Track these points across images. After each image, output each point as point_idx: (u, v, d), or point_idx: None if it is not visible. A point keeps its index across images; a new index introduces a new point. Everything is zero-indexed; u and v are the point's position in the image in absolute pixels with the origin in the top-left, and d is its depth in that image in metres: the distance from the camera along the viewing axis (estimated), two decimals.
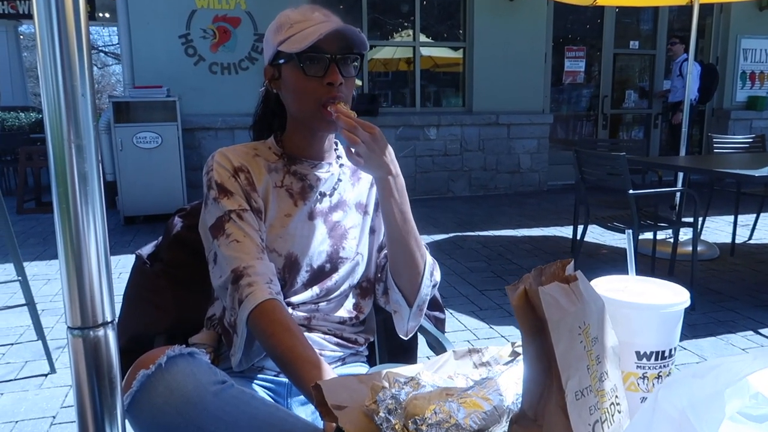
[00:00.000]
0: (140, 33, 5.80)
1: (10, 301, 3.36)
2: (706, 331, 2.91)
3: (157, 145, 5.34)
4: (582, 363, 0.52)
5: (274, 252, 1.10)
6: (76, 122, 0.51)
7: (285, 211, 1.12)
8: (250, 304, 0.98)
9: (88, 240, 0.53)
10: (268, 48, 1.11)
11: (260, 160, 1.14)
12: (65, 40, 0.50)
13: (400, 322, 1.17)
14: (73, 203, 0.52)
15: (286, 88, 1.10)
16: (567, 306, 0.52)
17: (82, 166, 0.52)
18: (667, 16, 7.69)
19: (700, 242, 4.25)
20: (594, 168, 3.47)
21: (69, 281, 0.53)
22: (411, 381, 0.72)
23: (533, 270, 0.55)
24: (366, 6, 6.60)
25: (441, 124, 6.71)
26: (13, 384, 2.43)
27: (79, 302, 0.54)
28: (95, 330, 0.54)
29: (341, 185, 1.19)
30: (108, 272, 0.55)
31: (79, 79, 0.51)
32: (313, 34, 1.01)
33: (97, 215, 0.53)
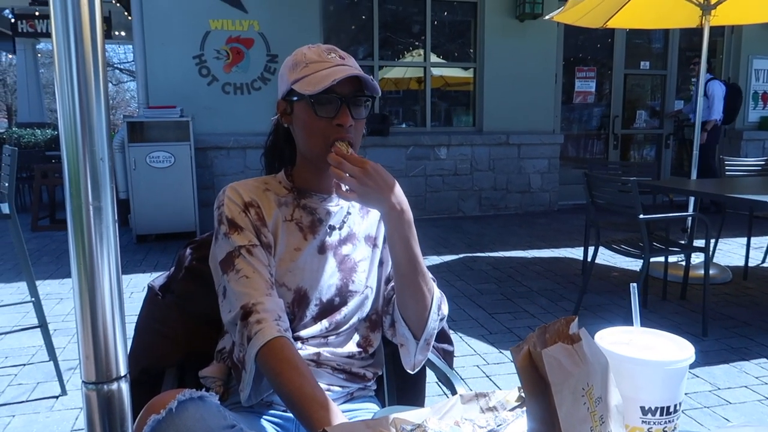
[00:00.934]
0: (155, 53, 5.90)
1: (23, 321, 3.40)
2: (718, 359, 2.87)
3: (169, 165, 5.40)
4: (585, 425, 0.53)
5: (283, 286, 1.11)
6: (96, 185, 0.53)
7: (294, 245, 1.14)
8: (259, 341, 0.99)
9: (104, 297, 0.55)
10: (282, 83, 1.14)
11: (270, 194, 1.16)
12: (86, 106, 0.52)
13: (406, 355, 1.16)
14: (90, 263, 0.54)
15: (297, 125, 1.13)
16: (570, 368, 0.52)
17: (99, 227, 0.54)
18: (678, 36, 7.70)
19: (713, 265, 4.21)
20: (604, 192, 3.47)
21: (84, 337, 0.55)
22: (417, 428, 0.73)
23: (537, 329, 0.56)
24: (377, 25, 6.68)
25: (451, 144, 6.74)
26: (25, 406, 2.45)
27: (94, 358, 0.55)
28: (109, 384, 0.56)
29: (350, 218, 1.21)
30: (123, 328, 0.57)
31: (99, 144, 0.53)
32: (327, 78, 1.04)
33: (114, 275, 0.55)
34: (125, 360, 0.57)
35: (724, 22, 4.66)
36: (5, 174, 2.55)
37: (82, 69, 0.52)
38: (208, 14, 5.97)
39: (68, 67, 0.51)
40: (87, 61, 0.52)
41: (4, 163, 2.60)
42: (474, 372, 2.75)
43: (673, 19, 4.98)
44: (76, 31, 0.51)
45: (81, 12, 0.51)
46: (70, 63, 0.51)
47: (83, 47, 0.51)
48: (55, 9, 0.50)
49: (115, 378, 0.56)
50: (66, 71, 0.51)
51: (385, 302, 1.22)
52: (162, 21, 5.86)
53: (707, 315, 3.17)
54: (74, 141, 0.52)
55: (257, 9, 6.05)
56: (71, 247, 0.54)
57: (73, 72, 0.51)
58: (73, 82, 0.51)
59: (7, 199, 2.48)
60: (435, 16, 6.92)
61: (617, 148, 7.74)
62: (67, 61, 0.51)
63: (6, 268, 4.63)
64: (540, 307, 3.64)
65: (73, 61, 0.51)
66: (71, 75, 0.51)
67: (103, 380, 0.55)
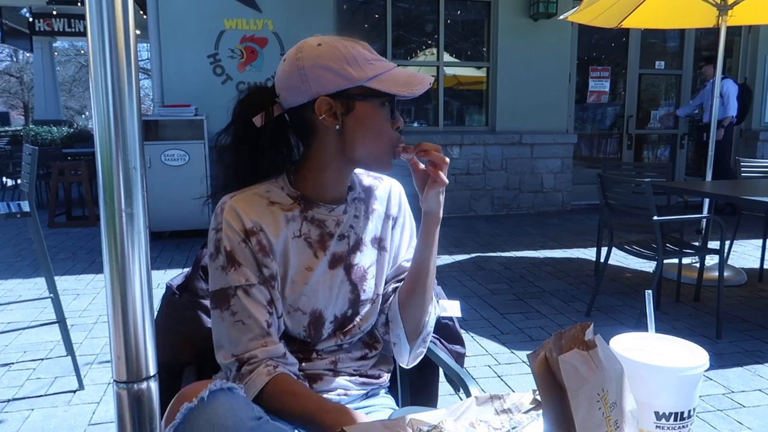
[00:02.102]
0: (170, 52, 5.95)
1: (41, 316, 3.46)
2: (732, 362, 2.86)
3: (184, 163, 5.45)
4: (600, 429, 0.54)
5: (298, 311, 1.07)
6: (128, 192, 0.55)
7: (306, 264, 1.08)
8: (252, 390, 0.98)
9: (135, 300, 0.57)
10: (330, 79, 0.99)
11: (276, 210, 1.06)
12: (120, 119, 0.54)
13: (399, 354, 1.17)
14: (122, 267, 0.56)
15: (357, 126, 1.02)
16: (586, 374, 0.54)
17: (131, 233, 0.56)
18: (693, 35, 7.63)
19: (728, 267, 4.19)
20: (618, 193, 3.46)
21: (116, 338, 0.57)
22: (434, 429, 0.74)
23: (553, 335, 0.57)
24: (390, 24, 6.69)
25: (464, 143, 6.74)
26: (43, 400, 2.50)
27: (126, 358, 0.57)
28: (139, 383, 0.58)
29: (357, 223, 1.15)
30: (152, 330, 0.59)
31: (131, 152, 0.55)
32: (412, 80, 1.00)
33: (145, 278, 0.57)
34: (155, 360, 0.60)
35: (741, 22, 4.62)
36: (26, 172, 2.60)
37: (116, 84, 0.54)
38: (222, 14, 6.01)
39: (104, 82, 0.53)
40: (121, 75, 0.54)
41: (25, 162, 2.64)
42: (485, 372, 2.76)
43: (689, 19, 4.95)
44: (111, 45, 0.53)
45: (116, 28, 0.53)
46: (105, 79, 0.53)
47: (118, 64, 0.53)
48: (91, 24, 0.52)
49: (145, 377, 0.58)
50: (102, 86, 0.54)
51: (383, 300, 1.19)
52: (177, 20, 5.91)
53: (721, 317, 3.16)
54: (108, 150, 0.54)
55: (271, 8, 6.08)
56: (104, 252, 0.56)
57: (108, 85, 0.54)
58: (108, 96, 0.53)
59: (27, 197, 2.52)
60: (448, 15, 6.91)
61: (631, 149, 7.69)
62: (103, 77, 0.54)
63: (24, 264, 4.71)
64: (552, 308, 3.64)
65: (108, 75, 0.54)
66: (106, 89, 0.53)
67: (133, 380, 0.58)
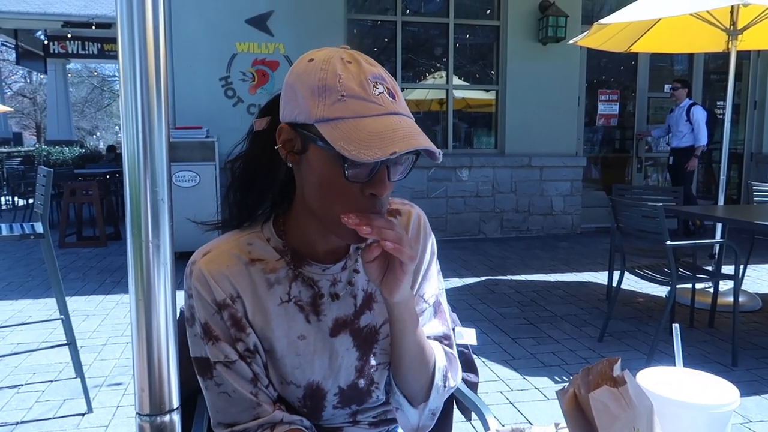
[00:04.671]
0: (183, 75, 6.04)
1: (51, 337, 3.46)
2: (750, 390, 2.81)
3: (195, 184, 5.49)
4: None
5: (291, 384, 0.93)
6: (156, 224, 0.55)
7: (297, 333, 0.92)
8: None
9: (160, 331, 0.57)
10: (295, 105, 0.79)
11: (256, 272, 0.90)
12: (150, 156, 0.54)
13: (404, 420, 0.98)
14: (147, 299, 0.56)
15: (308, 174, 0.83)
16: (617, 412, 0.53)
17: (157, 264, 0.56)
18: (702, 58, 7.66)
19: (742, 293, 4.13)
20: (629, 217, 3.44)
21: (140, 370, 0.57)
22: None
23: (581, 371, 0.56)
24: (400, 47, 6.76)
25: (473, 166, 6.75)
26: (52, 423, 2.49)
27: (149, 390, 0.57)
28: (162, 416, 0.58)
29: (359, 278, 0.96)
30: (176, 362, 0.58)
31: (160, 184, 0.55)
32: (379, 140, 0.73)
33: (169, 309, 0.57)
34: (178, 393, 0.59)
35: (751, 47, 4.63)
36: (40, 194, 2.62)
37: (146, 114, 0.54)
38: (234, 37, 6.11)
39: (134, 113, 0.54)
40: (152, 106, 0.54)
41: (39, 183, 2.67)
42: (497, 398, 2.73)
43: (698, 44, 4.97)
44: (142, 78, 0.54)
45: (147, 56, 0.54)
46: (135, 110, 0.54)
47: (149, 94, 0.54)
48: (123, 53, 0.53)
49: (168, 410, 0.58)
50: (132, 117, 0.54)
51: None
52: (190, 43, 6.01)
53: (737, 344, 3.11)
54: (137, 182, 0.54)
55: (282, 32, 6.17)
56: (130, 283, 0.56)
57: (138, 116, 0.54)
58: (138, 127, 0.54)
59: (41, 218, 2.54)
60: (457, 38, 6.98)
61: (641, 171, 7.67)
62: (134, 108, 0.54)
63: (34, 285, 4.73)
64: (564, 333, 3.60)
65: (139, 106, 0.54)
66: (136, 120, 0.54)
67: (156, 412, 0.57)
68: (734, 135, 7.92)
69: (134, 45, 0.52)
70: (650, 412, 0.57)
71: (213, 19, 6.04)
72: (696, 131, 6.30)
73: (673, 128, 6.55)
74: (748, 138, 7.91)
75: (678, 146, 6.50)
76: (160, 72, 0.54)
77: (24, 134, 24.38)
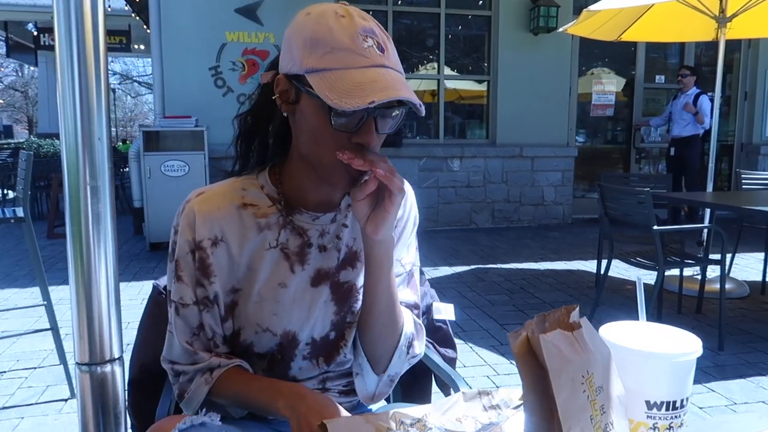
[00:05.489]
0: (172, 65, 5.98)
1: (36, 325, 3.42)
2: (735, 374, 2.81)
3: (184, 174, 5.45)
4: (585, 413, 0.52)
5: (267, 331, 0.94)
6: (93, 164, 0.53)
7: (279, 279, 0.93)
8: (197, 401, 0.93)
9: (99, 279, 0.54)
10: (290, 57, 0.84)
11: (247, 216, 0.92)
12: (84, 88, 0.52)
13: (361, 385, 0.99)
14: (86, 243, 0.54)
15: (301, 123, 0.86)
16: (570, 355, 0.51)
17: (96, 207, 0.54)
18: (693, 50, 7.65)
19: (730, 280, 4.14)
20: (618, 203, 3.44)
21: (79, 318, 0.55)
22: (417, 423, 0.71)
23: (536, 316, 0.55)
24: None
25: (464, 156, 6.73)
26: (34, 408, 2.46)
27: (88, 339, 0.55)
28: (102, 366, 0.56)
29: (347, 233, 0.98)
30: (117, 311, 0.56)
31: (97, 124, 0.53)
32: (361, 90, 0.76)
33: (110, 255, 0.55)
34: (119, 343, 0.57)
35: (740, 35, 4.63)
36: (21, 178, 2.59)
37: (85, 95, 0.52)
38: (224, 27, 6.05)
39: (68, 50, 0.52)
40: (90, 87, 0.52)
41: (20, 168, 2.64)
42: (484, 382, 2.72)
43: (688, 33, 4.96)
44: (80, 60, 0.52)
45: None
46: (72, 88, 0.52)
47: (87, 73, 0.52)
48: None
49: (109, 360, 0.56)
50: (66, 53, 0.52)
51: None
52: (179, 33, 5.95)
53: (723, 329, 3.11)
54: (73, 120, 0.52)
55: (273, 22, 6.12)
56: (68, 227, 0.54)
57: (74, 52, 0.52)
58: (73, 62, 0.52)
59: (22, 202, 2.51)
60: (449, 29, 6.95)
61: (639, 162, 7.65)
62: (71, 86, 0.52)
63: (22, 274, 4.69)
64: None
65: (76, 86, 0.52)
66: (71, 55, 0.52)
67: (96, 362, 0.55)
68: (725, 126, 7.94)
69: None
70: (607, 360, 0.56)
71: (202, 8, 5.98)
72: (701, 120, 6.03)
73: (676, 116, 6.25)
74: (738, 128, 7.93)
75: (680, 135, 6.24)
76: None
77: (16, 128, 24.21)
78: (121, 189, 9.31)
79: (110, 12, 9.16)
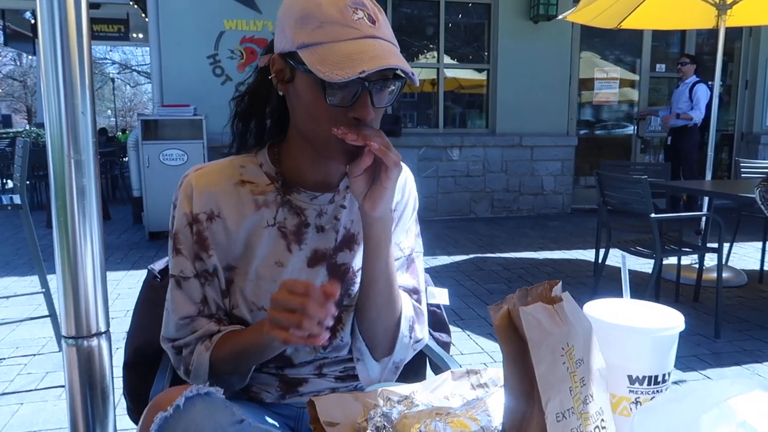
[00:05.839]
0: (170, 53, 5.96)
1: (35, 312, 3.44)
2: (731, 361, 2.82)
3: (182, 162, 5.44)
4: (564, 384, 0.52)
5: (262, 310, 0.94)
6: (76, 138, 0.53)
7: (276, 258, 0.94)
8: (203, 372, 0.93)
9: (84, 252, 0.55)
10: (283, 37, 0.85)
11: (245, 193, 0.93)
12: (67, 61, 0.52)
13: (363, 370, 0.99)
14: (71, 217, 0.54)
15: (296, 101, 0.87)
16: (549, 327, 0.51)
17: (80, 181, 0.54)
18: (695, 39, 7.61)
19: (728, 268, 4.15)
20: (616, 191, 3.43)
21: (65, 291, 0.55)
22: (405, 400, 0.72)
23: (518, 290, 0.55)
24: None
25: (464, 145, 6.72)
26: (33, 394, 2.48)
27: (74, 312, 0.55)
28: (89, 340, 0.56)
29: (345, 215, 0.98)
30: (103, 284, 0.57)
31: (80, 97, 0.53)
32: (351, 60, 0.77)
33: (95, 229, 0.55)
34: (105, 317, 0.58)
35: (740, 23, 4.60)
36: (18, 165, 2.59)
37: (68, 70, 0.52)
38: (222, 14, 6.02)
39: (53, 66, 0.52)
40: (73, 62, 0.52)
41: (17, 155, 2.64)
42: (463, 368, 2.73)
43: (688, 20, 4.93)
44: (62, 32, 0.52)
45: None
46: (55, 62, 0.52)
47: (69, 48, 0.52)
48: None
49: (95, 333, 0.56)
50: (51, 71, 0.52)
51: None
52: (177, 21, 5.92)
53: (720, 317, 3.12)
54: (56, 94, 0.52)
55: (271, 9, 6.08)
56: (53, 201, 0.55)
57: (57, 33, 0.52)
58: (55, 34, 0.52)
59: (19, 190, 2.51)
60: (449, 18, 6.91)
61: (645, 152, 7.61)
62: (53, 61, 0.52)
63: (21, 263, 4.70)
64: None
65: (59, 61, 0.52)
66: (53, 27, 0.52)
67: (82, 335, 0.56)
68: (725, 116, 7.91)
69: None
70: (588, 333, 0.56)
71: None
72: (695, 108, 6.01)
73: (674, 105, 6.24)
74: (739, 118, 7.90)
75: (675, 125, 6.22)
76: None
77: (15, 117, 24.16)
78: (120, 178, 9.31)
79: (108, 0, 9.10)
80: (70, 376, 0.56)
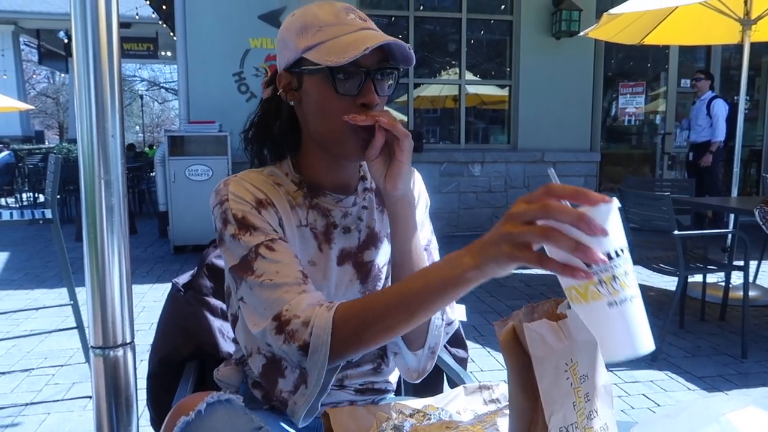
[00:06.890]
0: (197, 71, 6.10)
1: (63, 324, 3.52)
2: (758, 381, 2.77)
3: (207, 178, 5.55)
4: (568, 399, 0.53)
5: None
6: (106, 160, 0.57)
7: (309, 257, 0.98)
8: (323, 337, 0.81)
9: (112, 267, 0.58)
10: (287, 52, 0.93)
11: (281, 192, 0.97)
12: (99, 85, 0.56)
13: (402, 364, 1.01)
14: (100, 233, 0.58)
15: (307, 103, 0.93)
16: (553, 343, 0.53)
17: (109, 200, 0.58)
18: (720, 54, 7.53)
19: (755, 287, 4.07)
20: (639, 207, 3.40)
21: (93, 304, 0.59)
22: (417, 413, 0.74)
23: (525, 306, 0.57)
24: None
25: (486, 161, 6.72)
26: (60, 404, 2.54)
27: (102, 323, 0.59)
28: (115, 350, 0.59)
29: (367, 215, 1.04)
30: (129, 297, 0.60)
31: (110, 120, 0.57)
32: (354, 45, 0.85)
33: (122, 244, 0.59)
34: (131, 328, 0.61)
35: (765, 38, 4.55)
36: (49, 181, 2.68)
37: (100, 96, 0.56)
38: (248, 33, 6.15)
39: (84, 54, 0.55)
40: (104, 87, 0.56)
41: (49, 171, 2.73)
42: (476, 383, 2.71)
43: (712, 36, 4.89)
44: (96, 65, 0.55)
45: None
46: (88, 88, 0.55)
47: (101, 76, 0.55)
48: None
49: (121, 344, 0.59)
50: (82, 58, 0.55)
51: None
52: (204, 40, 6.07)
53: (747, 336, 3.06)
54: (89, 118, 0.56)
55: None
56: (83, 219, 0.58)
57: (89, 57, 0.56)
58: (89, 64, 0.55)
59: (50, 204, 2.60)
60: (471, 34, 6.96)
61: (673, 169, 7.50)
62: (86, 86, 0.55)
63: (50, 275, 4.82)
64: None
65: (92, 87, 0.55)
66: (87, 60, 0.55)
67: (109, 345, 0.59)
68: (753, 131, 7.78)
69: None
70: (593, 349, 0.57)
71: (226, 14, 6.10)
72: (714, 126, 5.97)
73: (693, 122, 6.23)
74: (767, 133, 7.77)
75: (696, 141, 6.19)
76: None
77: (47, 133, 24.83)
78: (147, 193, 9.50)
79: (138, 20, 9.36)
80: (96, 384, 0.59)
